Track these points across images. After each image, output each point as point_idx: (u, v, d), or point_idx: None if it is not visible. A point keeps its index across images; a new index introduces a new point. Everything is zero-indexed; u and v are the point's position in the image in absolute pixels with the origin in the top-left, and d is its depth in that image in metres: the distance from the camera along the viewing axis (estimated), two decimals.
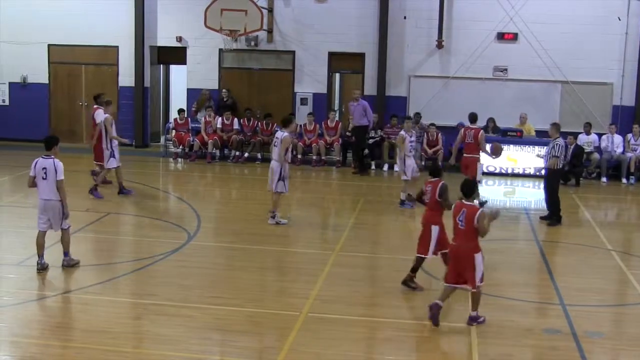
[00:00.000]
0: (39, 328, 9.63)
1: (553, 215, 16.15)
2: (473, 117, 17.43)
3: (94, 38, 24.59)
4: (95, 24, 24.45)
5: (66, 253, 11.84)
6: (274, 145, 15.02)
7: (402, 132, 17.23)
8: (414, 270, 11.29)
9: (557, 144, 15.70)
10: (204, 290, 11.20)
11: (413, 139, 17.33)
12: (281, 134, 14.93)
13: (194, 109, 23.99)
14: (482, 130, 17.22)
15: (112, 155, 17.27)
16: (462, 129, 17.50)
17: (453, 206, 10.11)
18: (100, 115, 17.47)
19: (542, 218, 16.40)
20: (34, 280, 11.44)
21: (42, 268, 11.54)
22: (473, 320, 9.96)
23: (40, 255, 11.57)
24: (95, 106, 18.13)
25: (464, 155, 17.12)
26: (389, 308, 10.71)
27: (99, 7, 24.48)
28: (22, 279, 11.46)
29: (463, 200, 9.93)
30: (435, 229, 10.99)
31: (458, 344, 9.48)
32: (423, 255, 11.16)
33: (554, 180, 16.10)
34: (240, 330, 9.73)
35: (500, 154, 17.27)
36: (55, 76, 25.28)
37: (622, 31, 22.78)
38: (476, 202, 10.13)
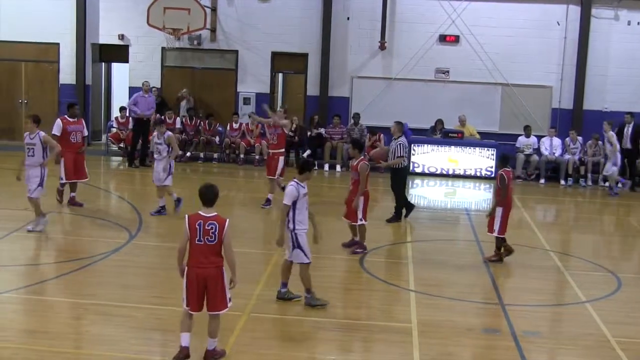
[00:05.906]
0: None
1: (397, 213, 16.15)
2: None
3: (35, 35, 24.15)
4: (36, 20, 24.00)
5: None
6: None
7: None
8: None
9: (400, 144, 15.73)
10: (145, 290, 11.08)
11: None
12: None
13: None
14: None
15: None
16: None
17: None
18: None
19: (387, 220, 16.06)
20: None
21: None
22: None
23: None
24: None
25: None
26: (331, 308, 10.72)
27: (39, 3, 24.06)
28: None
29: None
30: None
31: (399, 343, 9.53)
32: None
33: (399, 179, 16.21)
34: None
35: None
36: None
37: (561, 36, 23.24)
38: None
